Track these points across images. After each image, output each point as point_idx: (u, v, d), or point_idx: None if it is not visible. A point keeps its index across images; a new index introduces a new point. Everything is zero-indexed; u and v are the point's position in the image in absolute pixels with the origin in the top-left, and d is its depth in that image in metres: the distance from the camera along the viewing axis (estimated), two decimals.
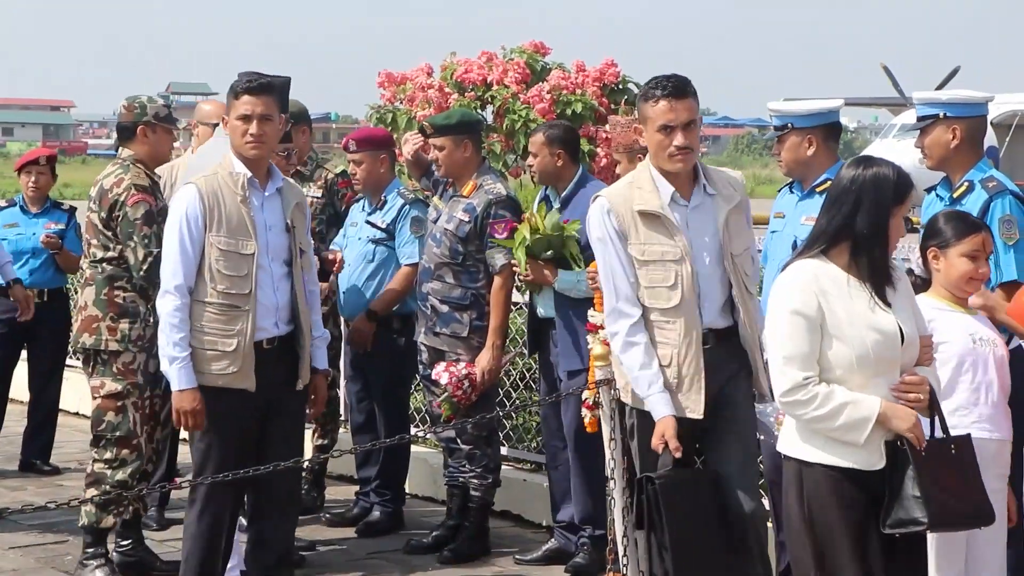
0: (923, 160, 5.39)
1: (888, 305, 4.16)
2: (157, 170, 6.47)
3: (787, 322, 4.14)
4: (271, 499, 5.54)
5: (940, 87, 31.74)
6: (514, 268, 6.38)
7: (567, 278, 6.21)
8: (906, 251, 8.96)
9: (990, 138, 34.39)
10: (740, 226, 4.97)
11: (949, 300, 4.75)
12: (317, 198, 7.24)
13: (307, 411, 5.75)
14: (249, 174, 5.41)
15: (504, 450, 7.30)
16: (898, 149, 23.17)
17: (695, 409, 4.85)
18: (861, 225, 4.13)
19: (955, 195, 5.18)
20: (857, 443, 4.09)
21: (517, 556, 6.69)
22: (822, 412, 4.09)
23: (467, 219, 6.58)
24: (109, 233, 6.14)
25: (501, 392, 7.43)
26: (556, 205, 6.45)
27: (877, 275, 4.16)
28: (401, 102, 10.13)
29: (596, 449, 6.20)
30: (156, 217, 6.08)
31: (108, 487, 6.09)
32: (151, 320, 6.05)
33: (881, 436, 4.11)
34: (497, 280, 6.52)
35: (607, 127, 9.69)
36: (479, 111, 10.12)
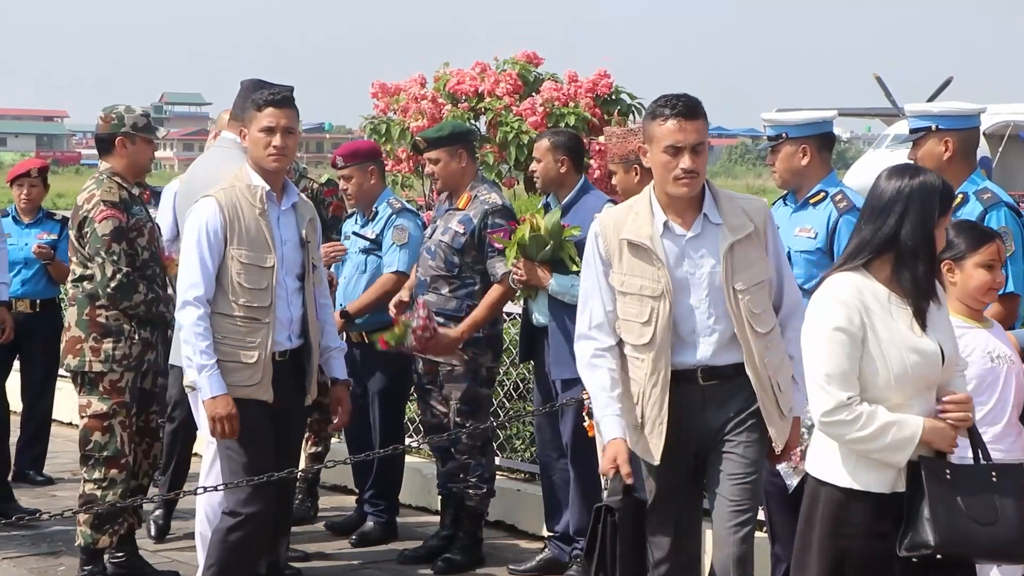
0: None
1: (927, 324, 4.00)
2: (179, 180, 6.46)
3: (828, 339, 3.96)
4: None
5: (932, 98, 31.89)
6: (513, 272, 6.35)
7: (562, 281, 6.21)
8: None
9: (983, 149, 34.71)
10: (750, 258, 4.62)
11: (965, 315, 4.59)
12: None
13: (332, 421, 5.91)
14: (267, 187, 5.38)
15: (498, 460, 7.30)
16: (891, 160, 23.22)
17: (653, 454, 4.60)
18: (906, 237, 3.97)
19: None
20: (899, 464, 3.94)
21: (511, 567, 6.69)
22: (866, 433, 3.93)
23: (462, 231, 6.58)
24: (83, 251, 6.09)
25: (495, 402, 7.44)
26: (556, 210, 6.46)
27: (920, 292, 3.99)
28: (394, 113, 10.16)
29: (594, 459, 6.23)
30: (127, 233, 6.03)
31: (99, 509, 6.04)
32: (136, 338, 6.05)
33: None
34: (496, 288, 6.52)
35: (601, 138, 9.74)
36: (472, 122, 10.14)
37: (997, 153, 32.64)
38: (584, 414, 5.72)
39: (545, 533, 6.81)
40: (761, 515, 6.13)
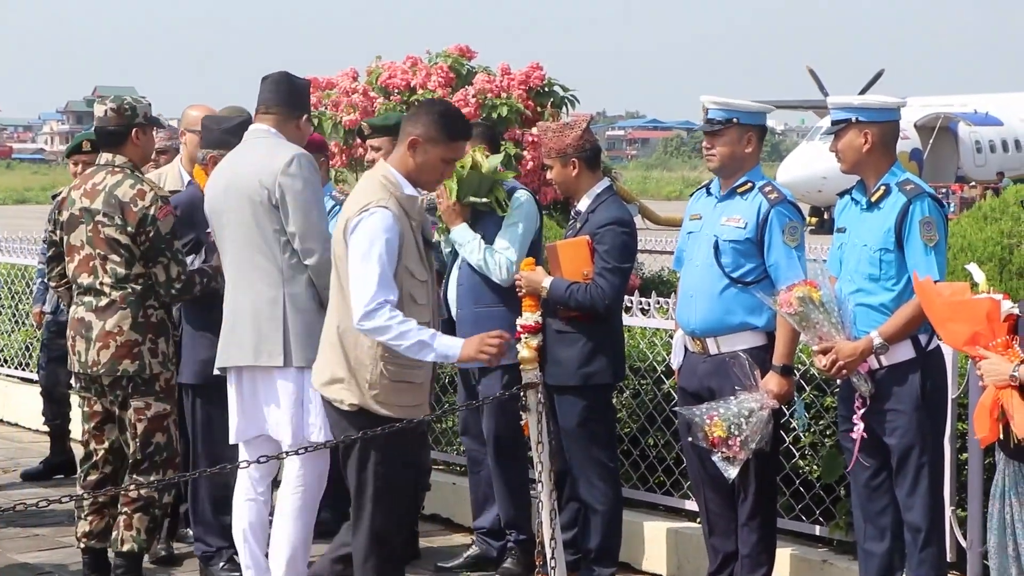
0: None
1: None
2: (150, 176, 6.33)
3: None
4: None
5: (864, 90, 32.20)
6: (438, 198, 6.31)
7: (464, 234, 6.23)
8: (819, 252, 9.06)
9: (914, 141, 34.96)
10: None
11: None
12: None
13: None
14: (426, 197, 5.35)
15: (433, 454, 7.28)
16: (822, 151, 23.45)
17: None
18: None
19: (872, 199, 5.23)
20: None
21: (438, 563, 6.68)
22: None
23: None
24: (135, 249, 5.87)
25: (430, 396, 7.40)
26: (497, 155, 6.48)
27: None
28: (326, 107, 10.10)
29: (519, 452, 6.24)
30: (179, 230, 5.99)
31: (157, 511, 5.96)
32: (179, 332, 6.06)
33: None
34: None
35: (534, 130, 9.73)
36: (395, 114, 10.09)
37: (928, 145, 33.03)
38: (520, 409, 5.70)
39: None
40: (695, 506, 6.18)
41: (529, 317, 5.75)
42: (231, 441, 5.75)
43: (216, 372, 5.78)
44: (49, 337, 8.36)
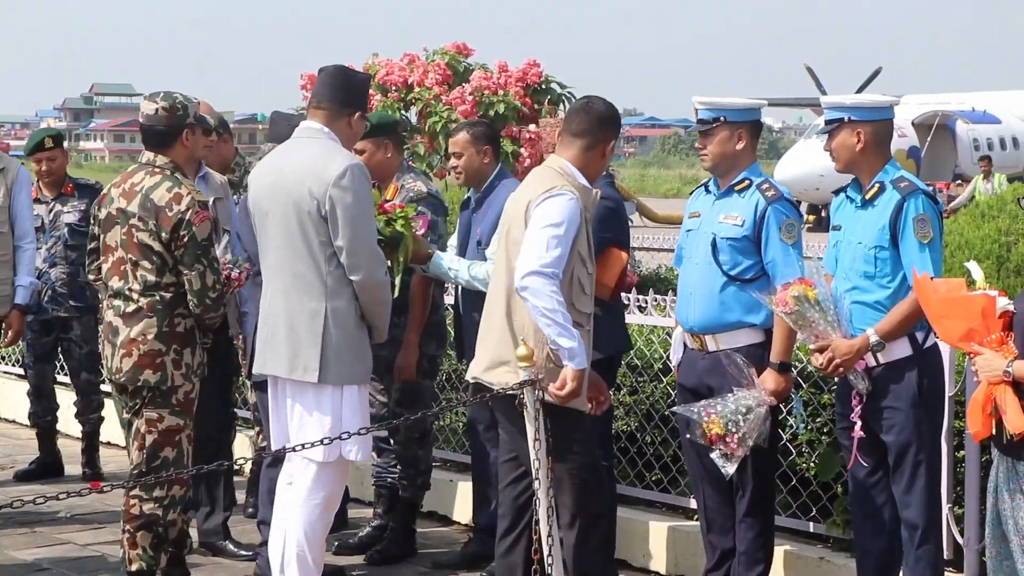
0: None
1: None
2: None
3: None
4: None
5: (862, 88, 32.24)
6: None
7: (441, 267, 6.20)
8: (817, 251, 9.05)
9: (912, 139, 34.89)
10: None
11: None
12: None
13: None
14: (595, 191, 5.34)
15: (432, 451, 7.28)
16: (819, 149, 23.38)
17: None
18: None
19: (866, 197, 5.23)
20: None
21: (436, 559, 6.68)
22: None
23: None
24: (168, 256, 5.66)
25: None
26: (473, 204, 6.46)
27: None
28: None
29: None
30: (215, 237, 5.80)
31: (161, 529, 5.74)
32: (201, 347, 5.79)
33: None
34: (415, 277, 6.47)
35: (532, 127, 9.75)
36: (402, 113, 10.11)
37: (926, 143, 33.02)
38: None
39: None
40: (693, 503, 6.19)
41: None
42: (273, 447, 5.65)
43: (252, 378, 5.73)
44: (33, 336, 8.32)
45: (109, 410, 8.63)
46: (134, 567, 5.73)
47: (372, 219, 5.56)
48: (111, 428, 8.95)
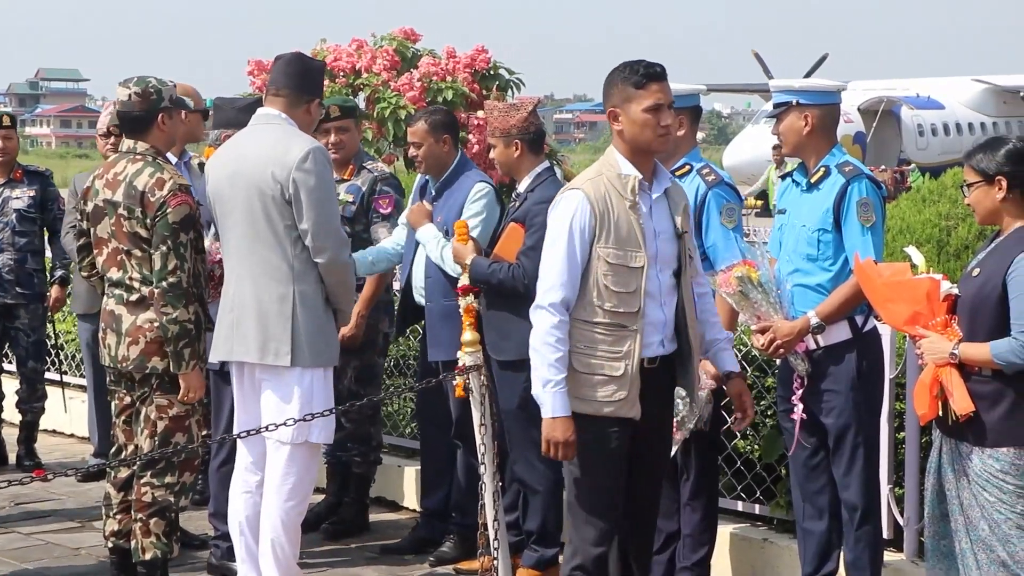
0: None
1: None
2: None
3: None
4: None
5: (809, 74, 32.35)
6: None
7: (429, 234, 6.19)
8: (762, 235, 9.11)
9: (858, 124, 35.02)
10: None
11: None
12: None
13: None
14: (640, 176, 4.81)
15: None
16: (766, 135, 23.55)
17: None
18: None
19: (812, 180, 5.30)
20: None
21: (384, 543, 6.72)
22: None
23: (352, 199, 6.61)
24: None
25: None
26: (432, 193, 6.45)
27: None
28: None
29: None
30: (196, 223, 5.62)
31: (173, 515, 5.68)
32: (211, 327, 5.67)
33: None
34: None
35: (480, 113, 9.75)
36: (350, 98, 10.09)
37: (871, 128, 33.26)
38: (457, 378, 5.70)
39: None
40: None
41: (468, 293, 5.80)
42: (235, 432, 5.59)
43: (212, 365, 5.73)
44: None
45: (52, 401, 8.60)
46: (148, 555, 5.65)
47: (335, 201, 5.58)
48: (54, 417, 8.93)
